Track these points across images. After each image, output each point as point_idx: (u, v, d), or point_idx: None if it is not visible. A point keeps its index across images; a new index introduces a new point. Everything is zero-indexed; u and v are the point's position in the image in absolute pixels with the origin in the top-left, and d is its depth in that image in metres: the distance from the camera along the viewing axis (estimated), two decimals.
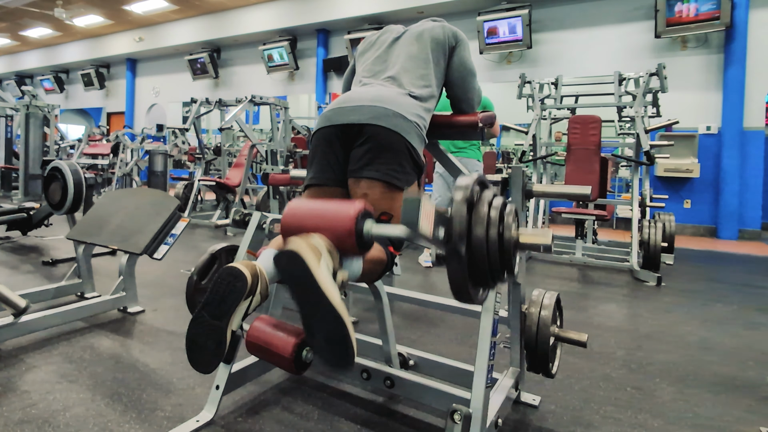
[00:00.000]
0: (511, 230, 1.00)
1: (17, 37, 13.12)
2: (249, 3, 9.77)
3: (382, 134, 1.27)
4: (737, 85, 5.98)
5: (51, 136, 5.17)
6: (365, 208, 1.07)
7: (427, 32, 1.49)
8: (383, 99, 1.32)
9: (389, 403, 1.54)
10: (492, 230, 0.96)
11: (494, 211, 0.98)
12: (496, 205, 1.00)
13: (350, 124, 1.30)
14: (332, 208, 1.09)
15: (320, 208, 1.11)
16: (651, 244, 3.47)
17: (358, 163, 1.29)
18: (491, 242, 0.96)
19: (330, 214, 1.07)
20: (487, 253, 0.95)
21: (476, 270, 0.97)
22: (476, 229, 0.95)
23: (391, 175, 1.26)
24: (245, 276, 1.09)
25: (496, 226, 0.97)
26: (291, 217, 1.13)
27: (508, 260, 0.99)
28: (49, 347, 1.89)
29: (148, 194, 2.45)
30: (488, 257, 0.96)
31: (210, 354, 1.08)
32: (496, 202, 1.01)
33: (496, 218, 0.98)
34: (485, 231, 0.96)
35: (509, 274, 1.02)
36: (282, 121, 5.75)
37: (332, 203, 1.12)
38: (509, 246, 0.99)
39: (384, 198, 1.27)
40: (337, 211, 1.07)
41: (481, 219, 0.96)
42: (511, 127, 5.14)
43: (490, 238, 0.96)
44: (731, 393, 1.70)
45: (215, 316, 1.08)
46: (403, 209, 0.87)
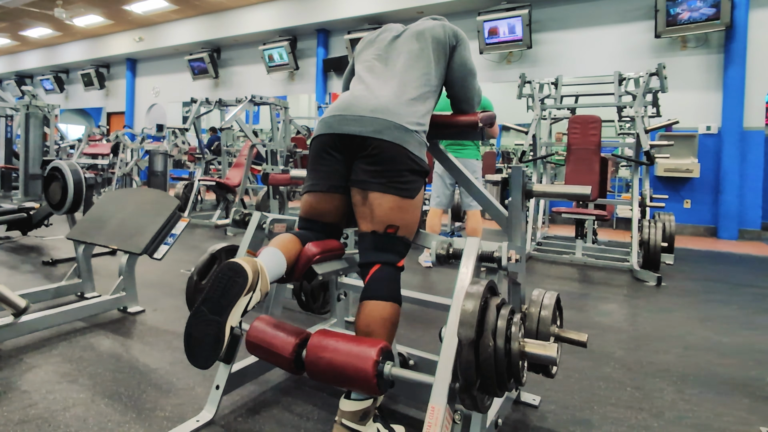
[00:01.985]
0: (518, 342, 1.04)
1: (17, 37, 13.11)
2: (249, 3, 9.77)
3: (386, 148, 1.28)
4: (737, 85, 5.98)
5: (51, 136, 5.16)
6: (382, 353, 1.08)
7: (427, 31, 1.49)
8: (384, 110, 1.32)
9: (389, 403, 1.54)
10: (499, 348, 1.01)
11: (501, 322, 1.03)
12: (503, 316, 1.04)
13: (352, 135, 1.31)
14: (352, 361, 1.08)
15: (339, 363, 1.09)
16: (651, 244, 3.47)
17: (363, 175, 1.30)
18: (499, 362, 1.01)
19: (350, 366, 1.08)
20: (495, 366, 1.01)
21: (485, 385, 1.02)
22: (484, 353, 1.01)
23: (397, 187, 1.28)
24: (246, 272, 1.09)
25: (503, 338, 1.02)
26: (314, 365, 1.12)
27: (516, 373, 1.04)
28: (49, 347, 1.89)
29: (148, 194, 2.45)
30: (497, 375, 1.01)
31: (208, 349, 1.08)
32: (504, 312, 1.05)
33: (503, 332, 1.02)
34: (493, 345, 1.01)
35: (517, 384, 1.07)
36: (282, 121, 5.75)
37: (351, 348, 1.10)
38: (516, 361, 1.03)
39: (392, 210, 1.28)
40: (357, 360, 1.07)
41: (489, 332, 1.01)
42: (511, 127, 5.14)
43: (498, 357, 1.01)
44: (731, 393, 1.70)
45: (215, 311, 1.08)
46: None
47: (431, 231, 3.55)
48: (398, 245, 1.30)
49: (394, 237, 1.29)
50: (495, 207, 1.49)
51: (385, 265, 1.28)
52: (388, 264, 1.28)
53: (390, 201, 1.28)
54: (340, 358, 1.08)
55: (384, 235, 1.28)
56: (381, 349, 1.08)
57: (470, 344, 0.99)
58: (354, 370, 1.06)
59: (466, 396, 1.01)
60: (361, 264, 1.31)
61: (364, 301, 1.24)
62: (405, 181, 1.29)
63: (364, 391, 1.09)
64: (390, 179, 1.28)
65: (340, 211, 1.39)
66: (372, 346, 1.09)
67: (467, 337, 0.99)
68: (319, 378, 1.13)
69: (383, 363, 1.07)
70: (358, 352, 1.08)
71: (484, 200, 1.52)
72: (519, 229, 1.41)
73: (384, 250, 1.28)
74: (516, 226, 1.41)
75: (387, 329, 1.20)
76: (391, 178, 1.28)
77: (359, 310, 1.23)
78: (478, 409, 1.04)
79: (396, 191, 1.28)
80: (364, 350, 1.08)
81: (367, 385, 1.06)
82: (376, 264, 1.28)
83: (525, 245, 2.12)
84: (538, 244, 4.74)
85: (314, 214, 1.39)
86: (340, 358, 1.08)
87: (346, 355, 1.08)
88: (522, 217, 1.42)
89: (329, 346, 1.11)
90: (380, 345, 1.09)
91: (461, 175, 1.54)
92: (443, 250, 1.29)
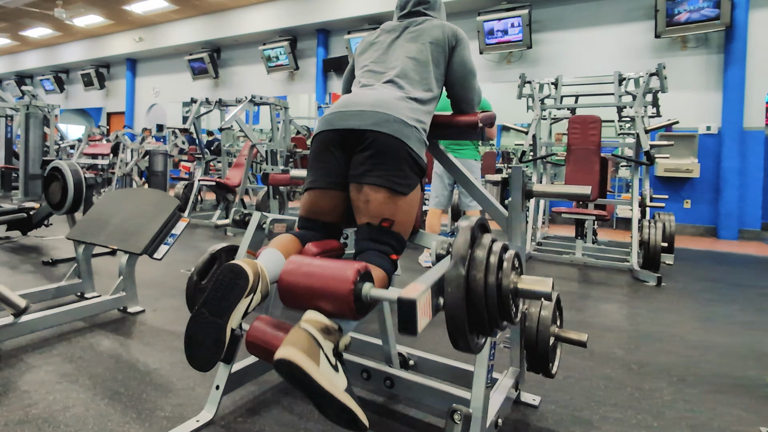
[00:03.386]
0: (510, 278, 0.99)
1: (17, 37, 13.12)
2: (249, 3, 9.77)
3: (384, 140, 1.27)
4: (737, 85, 5.98)
5: (51, 136, 5.17)
6: (362, 270, 1.05)
7: (426, 32, 1.48)
8: (384, 104, 1.31)
9: (389, 403, 1.54)
10: (490, 278, 0.96)
11: (493, 258, 0.98)
12: (495, 251, 0.99)
13: (351, 129, 1.30)
14: (329, 273, 1.05)
15: (318, 273, 1.06)
16: (651, 244, 3.47)
17: (359, 168, 1.29)
18: (490, 291, 0.96)
19: (328, 280, 1.04)
20: (485, 302, 0.95)
21: (474, 320, 0.96)
22: (474, 280, 0.95)
23: (393, 181, 1.27)
24: (247, 274, 1.09)
25: (494, 274, 0.96)
26: (289, 284, 1.08)
27: (507, 310, 0.99)
28: (49, 347, 1.89)
29: (148, 194, 2.45)
30: (486, 306, 0.95)
31: (208, 351, 1.07)
32: (495, 247, 1.00)
33: (495, 265, 0.97)
34: (484, 280, 0.95)
35: (508, 322, 1.02)
36: (282, 121, 5.75)
37: (330, 267, 1.07)
38: (508, 295, 0.98)
39: (386, 204, 1.27)
40: (335, 276, 1.03)
41: (479, 269, 0.96)
42: (511, 127, 5.14)
43: (489, 286, 0.95)
44: (731, 393, 1.70)
45: (215, 313, 1.08)
46: (399, 312, 0.88)
47: (431, 231, 3.55)
48: (392, 239, 1.28)
49: (388, 231, 1.27)
50: (495, 207, 1.49)
51: (379, 252, 1.26)
52: (382, 252, 1.26)
53: (384, 195, 1.26)
54: (317, 281, 1.04)
55: (378, 228, 1.27)
56: (358, 270, 1.03)
57: (460, 277, 0.94)
58: (330, 289, 1.02)
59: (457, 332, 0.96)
60: (355, 254, 1.29)
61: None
62: (401, 176, 1.28)
63: (341, 312, 1.04)
64: (386, 173, 1.26)
65: (339, 210, 1.38)
66: (350, 264, 1.05)
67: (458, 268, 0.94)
68: (292, 300, 1.09)
69: (361, 283, 1.03)
70: (335, 271, 1.04)
71: (483, 200, 1.52)
72: (519, 229, 1.41)
73: (378, 241, 1.27)
74: (516, 226, 1.41)
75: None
76: (387, 171, 1.26)
77: None
78: (470, 348, 0.98)
79: (390, 185, 1.26)
80: (342, 269, 1.04)
81: (344, 304, 1.01)
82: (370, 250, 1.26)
83: (525, 245, 2.12)
84: (538, 244, 4.74)
85: (314, 213, 1.39)
86: (316, 277, 1.05)
87: (322, 275, 1.04)
88: (522, 217, 1.42)
89: (305, 268, 1.08)
90: (358, 266, 1.05)
91: (461, 175, 1.54)
92: (443, 250, 1.28)
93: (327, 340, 1.02)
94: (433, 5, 1.58)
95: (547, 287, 1.00)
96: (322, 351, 1.00)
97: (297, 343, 0.97)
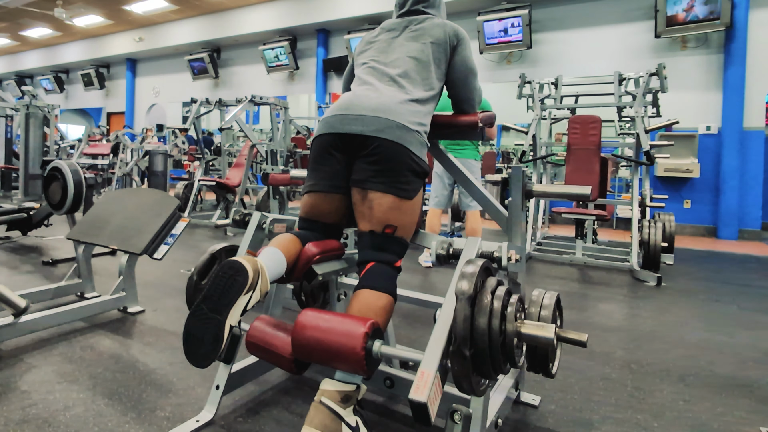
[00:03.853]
0: (514, 324, 1.00)
1: (17, 37, 13.11)
2: (249, 3, 9.77)
3: (387, 147, 1.27)
4: (737, 85, 5.97)
5: (51, 136, 5.16)
6: (371, 329, 1.06)
7: (427, 32, 1.48)
8: (386, 109, 1.32)
9: (389, 403, 1.54)
10: (494, 322, 0.98)
11: (497, 303, 1.00)
12: (499, 296, 1.01)
13: (353, 135, 1.31)
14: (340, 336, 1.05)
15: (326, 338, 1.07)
16: (651, 244, 3.47)
17: (363, 174, 1.29)
18: (494, 337, 0.98)
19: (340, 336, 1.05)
20: (489, 348, 0.98)
21: (479, 364, 0.99)
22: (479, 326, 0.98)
23: (397, 187, 1.28)
24: (247, 270, 1.09)
25: (498, 318, 0.98)
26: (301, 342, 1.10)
27: (510, 354, 1.01)
28: (49, 347, 1.89)
29: (148, 194, 2.45)
30: (491, 352, 0.98)
31: (207, 348, 1.07)
32: (500, 291, 1.02)
33: (498, 310, 0.99)
34: (488, 327, 0.97)
35: (512, 365, 1.04)
36: (282, 121, 5.75)
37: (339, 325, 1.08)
38: (511, 340, 1.00)
39: (391, 210, 1.28)
40: (346, 338, 1.04)
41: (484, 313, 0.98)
42: (511, 127, 5.14)
43: (493, 333, 0.98)
44: (731, 393, 1.70)
45: (214, 310, 1.07)
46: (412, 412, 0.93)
47: (431, 231, 3.55)
48: (396, 245, 1.30)
49: (392, 237, 1.28)
50: (495, 207, 1.49)
51: (383, 263, 1.27)
52: (386, 262, 1.28)
53: (389, 201, 1.27)
54: (328, 335, 1.06)
55: (382, 235, 1.28)
56: (370, 326, 1.05)
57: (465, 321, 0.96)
58: (342, 347, 1.03)
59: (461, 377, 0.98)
60: (359, 262, 1.30)
61: (357, 290, 1.21)
62: (405, 182, 1.29)
63: (351, 369, 1.05)
64: (390, 179, 1.27)
65: (340, 212, 1.39)
66: (361, 322, 1.06)
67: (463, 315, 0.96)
68: (306, 356, 1.10)
69: (372, 340, 1.04)
70: (347, 328, 1.05)
71: (483, 200, 1.52)
72: (519, 229, 1.41)
73: (382, 249, 1.28)
74: (516, 226, 1.41)
75: (380, 317, 1.17)
76: (391, 178, 1.27)
77: (352, 298, 1.20)
78: (474, 391, 1.00)
79: (395, 191, 1.27)
80: (353, 327, 1.05)
81: (355, 363, 1.03)
82: (374, 261, 1.27)
83: (525, 245, 2.12)
84: (538, 244, 4.74)
85: (314, 215, 1.39)
86: (328, 334, 1.06)
87: (334, 333, 1.05)
88: (522, 217, 1.42)
89: (317, 323, 1.09)
90: (369, 322, 1.06)
91: (461, 175, 1.54)
92: (443, 250, 1.29)
93: (346, 408, 1.07)
94: (432, 3, 1.58)
95: (550, 333, 1.02)
96: (344, 422, 1.06)
97: (319, 423, 1.03)
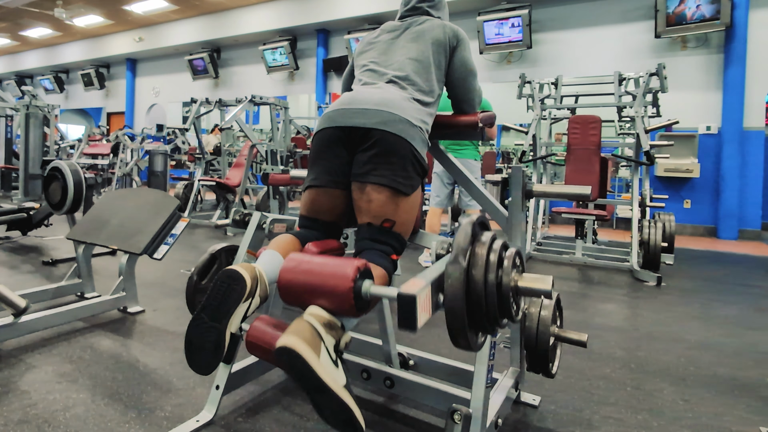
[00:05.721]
0: (510, 276, 0.98)
1: (17, 37, 13.11)
2: (249, 3, 9.77)
3: (389, 139, 1.26)
4: (737, 85, 5.98)
5: (51, 136, 5.17)
6: (362, 267, 1.04)
7: (427, 33, 1.48)
8: (390, 103, 1.31)
9: (389, 403, 1.54)
10: (491, 275, 0.95)
11: (493, 255, 0.97)
12: (495, 249, 0.98)
13: (356, 127, 1.29)
14: (329, 270, 1.04)
15: (317, 270, 1.06)
16: (651, 244, 3.47)
17: (363, 167, 1.28)
18: (489, 289, 0.95)
19: (327, 277, 1.03)
20: (485, 300, 0.94)
21: (474, 317, 0.95)
22: (474, 277, 0.94)
23: (397, 181, 1.26)
24: (244, 279, 1.09)
25: (494, 272, 0.96)
26: (288, 281, 1.08)
27: (507, 307, 0.98)
28: (49, 347, 1.89)
29: (148, 194, 2.45)
30: (486, 305, 0.95)
31: (208, 356, 1.08)
32: (496, 245, 0.99)
33: (494, 263, 0.96)
34: (483, 278, 0.94)
35: (509, 319, 1.01)
36: (282, 121, 5.75)
37: (329, 264, 1.07)
38: (508, 292, 0.97)
39: (389, 204, 1.26)
40: (335, 273, 1.03)
41: (480, 265, 0.95)
42: (511, 127, 5.14)
43: (489, 285, 0.95)
44: (731, 393, 1.70)
45: (214, 318, 1.08)
46: (399, 308, 0.87)
47: (431, 231, 3.55)
48: (393, 240, 1.28)
49: (389, 231, 1.27)
50: (495, 207, 1.49)
51: (379, 251, 1.25)
52: (383, 252, 1.26)
53: (387, 195, 1.26)
54: (316, 275, 1.04)
55: (380, 228, 1.26)
56: (358, 267, 1.03)
57: (460, 273, 0.93)
58: (330, 286, 1.02)
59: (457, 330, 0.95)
60: (355, 253, 1.29)
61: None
62: (405, 176, 1.27)
63: (340, 309, 1.03)
64: (390, 172, 1.26)
65: (340, 209, 1.37)
66: (350, 262, 1.05)
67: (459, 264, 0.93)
68: (293, 298, 1.09)
69: (361, 280, 1.03)
70: (335, 269, 1.03)
71: (483, 200, 1.52)
72: (519, 229, 1.41)
73: (378, 241, 1.26)
74: (516, 226, 1.41)
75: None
76: (392, 171, 1.26)
77: None
78: (470, 346, 0.97)
79: (394, 185, 1.26)
80: (342, 265, 1.03)
81: (344, 301, 1.01)
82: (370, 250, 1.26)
83: (525, 245, 2.12)
84: (538, 244, 4.74)
85: (315, 212, 1.38)
86: (316, 274, 1.04)
87: (322, 272, 1.04)
88: (522, 217, 1.42)
89: (304, 265, 1.07)
90: (358, 263, 1.04)
91: (461, 175, 1.54)
92: (443, 250, 1.28)
93: (329, 334, 1.01)
94: (437, 5, 1.59)
95: (548, 285, 0.99)
96: (324, 344, 0.99)
97: (299, 333, 0.97)
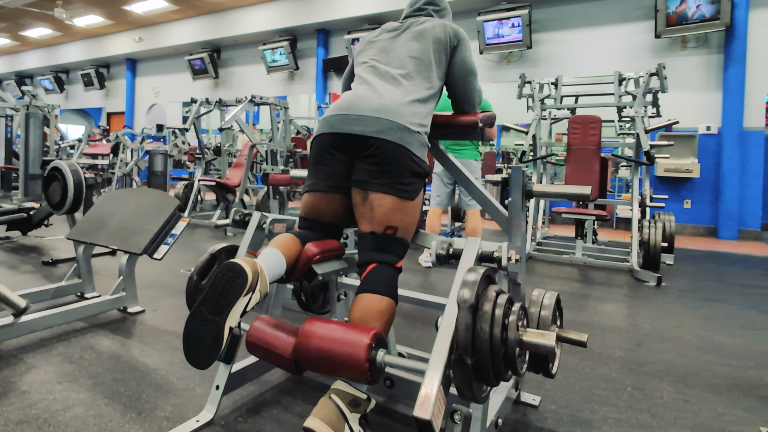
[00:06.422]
0: (515, 332, 1.01)
1: (17, 37, 13.11)
2: (249, 3, 9.77)
3: (388, 148, 1.28)
4: (737, 85, 5.97)
5: (51, 136, 5.17)
6: (375, 339, 1.06)
7: (428, 32, 1.48)
8: (387, 110, 1.32)
9: (389, 403, 1.54)
10: (496, 331, 0.99)
11: (498, 311, 1.00)
12: (500, 304, 1.02)
13: (354, 135, 1.31)
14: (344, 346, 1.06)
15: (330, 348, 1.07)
16: (651, 244, 3.47)
17: (364, 175, 1.29)
18: (495, 346, 0.99)
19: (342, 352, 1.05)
20: (491, 356, 0.98)
21: (481, 371, 1.00)
22: (480, 335, 0.98)
23: (399, 189, 1.28)
24: (246, 272, 1.09)
25: (500, 327, 0.99)
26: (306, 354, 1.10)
27: (512, 362, 1.02)
28: (49, 347, 1.89)
29: (148, 194, 2.45)
30: (492, 360, 0.99)
31: (207, 349, 1.07)
32: (501, 300, 1.02)
33: (500, 319, 0.99)
34: (489, 335, 0.98)
35: (514, 373, 1.04)
36: (282, 121, 5.75)
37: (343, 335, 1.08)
38: (513, 348, 1.01)
39: (393, 211, 1.28)
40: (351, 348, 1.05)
41: (485, 322, 0.99)
42: (511, 127, 5.14)
43: (494, 341, 0.98)
44: (731, 393, 1.70)
45: (214, 311, 1.08)
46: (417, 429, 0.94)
47: (431, 231, 3.55)
48: (397, 246, 1.30)
49: (393, 238, 1.29)
50: (495, 207, 1.49)
51: (384, 264, 1.27)
52: (387, 264, 1.28)
53: (390, 202, 1.27)
54: (332, 345, 1.06)
55: (383, 236, 1.28)
56: (374, 336, 1.05)
57: (467, 330, 0.96)
58: (346, 357, 1.04)
59: (463, 384, 0.99)
60: (360, 264, 1.31)
61: (359, 294, 1.22)
62: (406, 183, 1.29)
63: (356, 379, 1.06)
64: (391, 180, 1.28)
65: (340, 212, 1.39)
66: (365, 332, 1.06)
67: (465, 324, 0.96)
68: (310, 366, 1.11)
69: (376, 350, 1.05)
70: (351, 339, 1.05)
71: (484, 200, 1.52)
72: (519, 229, 1.41)
73: (382, 250, 1.28)
74: (516, 226, 1.41)
75: (382, 322, 1.17)
76: (393, 179, 1.28)
77: (354, 302, 1.21)
78: (475, 398, 1.01)
79: (396, 192, 1.27)
80: (357, 336, 1.05)
81: (359, 373, 1.03)
82: (375, 263, 1.28)
83: (525, 245, 2.12)
84: (538, 244, 4.74)
85: (314, 214, 1.39)
86: (332, 345, 1.06)
87: (337, 342, 1.06)
88: (522, 217, 1.42)
89: (321, 332, 1.09)
90: (373, 331, 1.06)
91: (461, 175, 1.54)
92: (443, 250, 1.29)
93: (354, 412, 1.07)
94: (442, 10, 1.60)
95: (551, 341, 1.02)
96: (347, 424, 1.05)
97: (324, 416, 1.03)
